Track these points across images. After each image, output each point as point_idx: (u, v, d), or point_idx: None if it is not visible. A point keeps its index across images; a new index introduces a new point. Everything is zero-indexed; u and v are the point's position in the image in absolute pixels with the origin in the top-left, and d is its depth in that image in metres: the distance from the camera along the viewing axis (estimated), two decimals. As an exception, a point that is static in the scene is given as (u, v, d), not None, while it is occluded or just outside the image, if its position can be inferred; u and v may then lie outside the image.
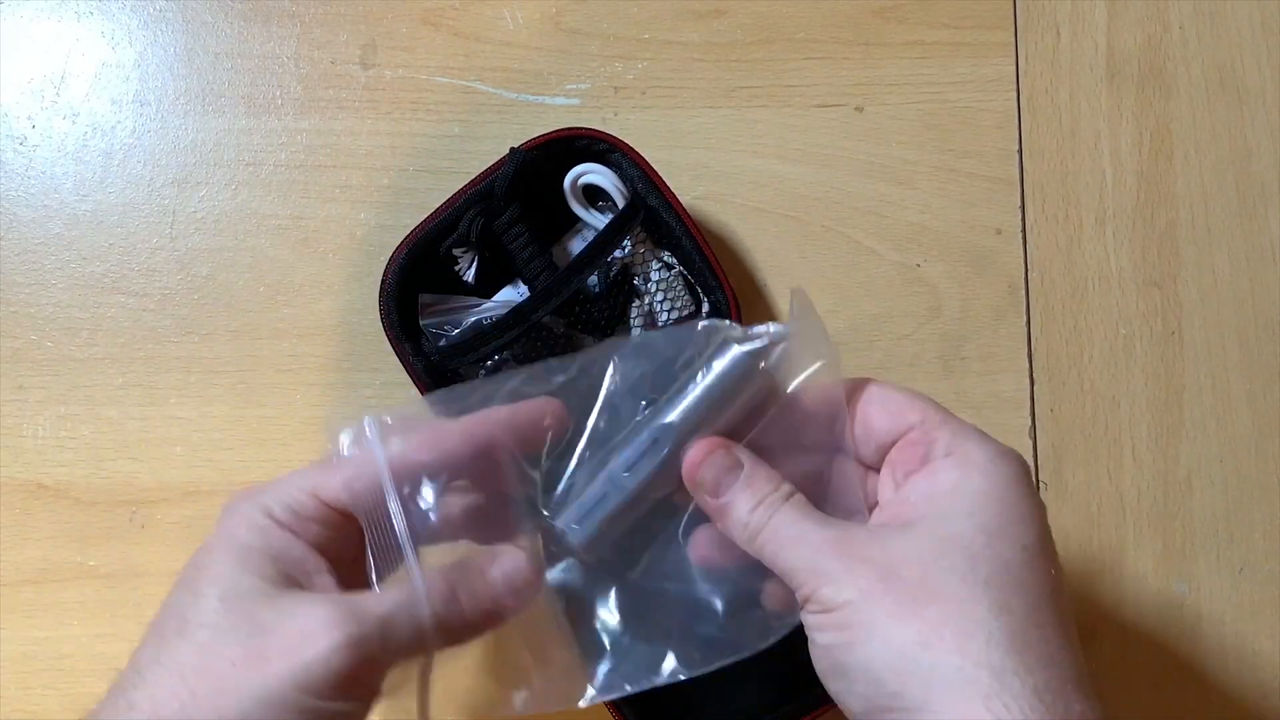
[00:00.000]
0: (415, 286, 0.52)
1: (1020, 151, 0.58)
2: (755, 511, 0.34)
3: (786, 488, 0.34)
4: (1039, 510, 0.33)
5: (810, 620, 0.32)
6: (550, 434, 0.36)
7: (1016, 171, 0.58)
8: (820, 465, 0.36)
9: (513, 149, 0.51)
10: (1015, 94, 0.58)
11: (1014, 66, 0.58)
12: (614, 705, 0.51)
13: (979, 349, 0.57)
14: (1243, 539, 0.56)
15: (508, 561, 0.34)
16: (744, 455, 0.35)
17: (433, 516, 0.34)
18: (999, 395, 0.56)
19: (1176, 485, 0.56)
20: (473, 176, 0.52)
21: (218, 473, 0.55)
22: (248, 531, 0.33)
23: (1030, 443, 0.56)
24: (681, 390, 0.36)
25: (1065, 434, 0.56)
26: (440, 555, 0.35)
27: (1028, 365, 0.57)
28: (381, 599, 0.32)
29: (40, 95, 0.58)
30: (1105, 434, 0.56)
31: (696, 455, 0.35)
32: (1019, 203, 0.58)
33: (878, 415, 0.35)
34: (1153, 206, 0.58)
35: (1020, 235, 0.57)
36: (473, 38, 0.58)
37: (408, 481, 0.34)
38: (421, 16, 0.58)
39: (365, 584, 0.34)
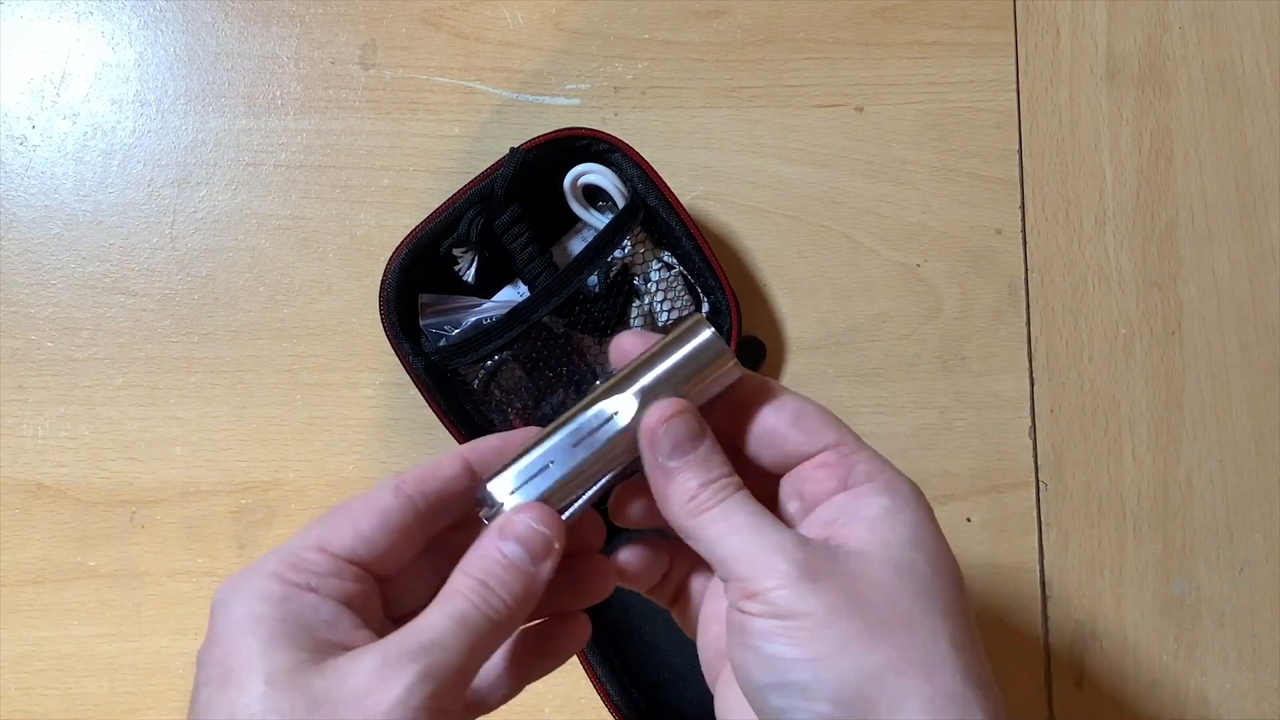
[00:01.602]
0: (415, 286, 0.52)
1: (1020, 151, 0.58)
2: (707, 488, 0.32)
3: (738, 479, 0.33)
4: (949, 546, 0.33)
5: (752, 624, 0.30)
6: None
7: (1016, 171, 0.58)
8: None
9: (513, 149, 0.51)
10: (1015, 94, 0.58)
11: (1014, 66, 0.58)
12: (598, 681, 0.51)
13: (979, 349, 0.57)
14: (1243, 539, 0.56)
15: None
16: (708, 430, 0.33)
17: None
18: (999, 395, 0.56)
19: (1176, 485, 0.56)
20: (473, 176, 0.52)
21: (218, 473, 0.55)
22: (264, 605, 0.30)
23: (1030, 443, 0.56)
24: (645, 365, 0.33)
25: (1065, 434, 0.56)
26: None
27: (1028, 365, 0.57)
28: (422, 626, 0.30)
29: (40, 95, 0.58)
30: (1105, 434, 0.56)
31: (661, 412, 0.32)
32: (1019, 203, 0.58)
33: (789, 427, 0.33)
34: (1153, 206, 0.58)
35: (1020, 235, 0.57)
36: (473, 38, 0.58)
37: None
38: (421, 16, 0.58)
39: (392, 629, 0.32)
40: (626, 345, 0.34)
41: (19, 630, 0.54)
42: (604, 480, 0.33)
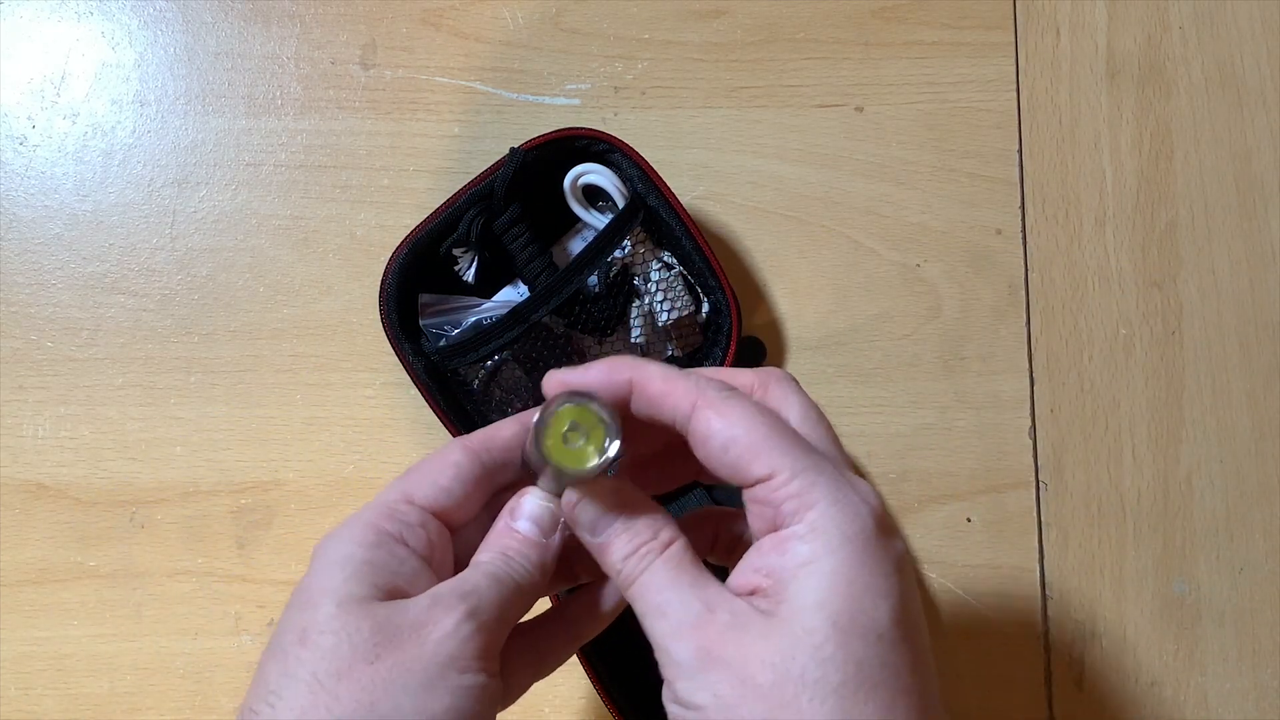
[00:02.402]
0: (415, 286, 0.52)
1: (1020, 151, 0.58)
2: (628, 560, 0.32)
3: (666, 534, 0.32)
4: (894, 574, 0.30)
5: (670, 710, 0.30)
6: None
7: (1016, 171, 0.58)
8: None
9: (513, 149, 0.51)
10: (1015, 94, 0.58)
11: (1014, 66, 0.58)
12: (598, 681, 0.51)
13: (979, 349, 0.57)
14: (1243, 539, 0.56)
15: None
16: (627, 493, 0.33)
17: None
18: (999, 395, 0.56)
19: (1176, 485, 0.56)
20: (473, 176, 0.52)
21: (218, 473, 0.55)
22: (356, 547, 0.32)
23: (1030, 443, 0.56)
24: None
25: (1065, 434, 0.56)
26: None
27: (1028, 365, 0.57)
28: (463, 578, 0.33)
29: (40, 95, 0.58)
30: (1105, 434, 0.56)
31: (573, 495, 0.33)
32: (1019, 203, 0.58)
33: (719, 463, 0.31)
34: (1153, 206, 0.58)
35: (1020, 235, 0.57)
36: (473, 38, 0.58)
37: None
38: (421, 16, 0.58)
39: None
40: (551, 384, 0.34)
41: (19, 630, 0.54)
42: None
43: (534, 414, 0.32)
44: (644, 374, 0.32)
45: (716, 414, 0.31)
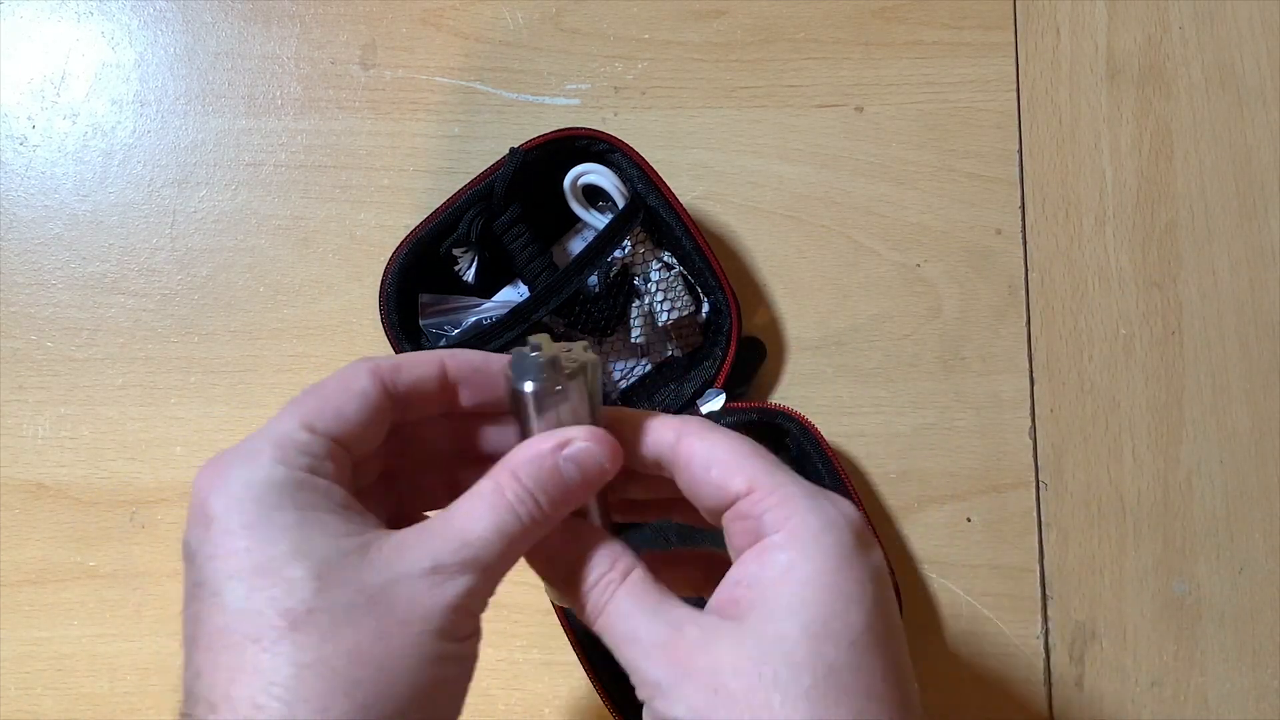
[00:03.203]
0: (415, 286, 0.52)
1: (1020, 151, 0.58)
2: (592, 592, 0.31)
3: (625, 563, 0.32)
4: (870, 582, 0.30)
5: None
6: None
7: (1016, 171, 0.58)
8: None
9: (513, 149, 0.51)
10: (1015, 94, 0.58)
11: (1014, 66, 0.58)
12: (598, 682, 0.51)
13: (979, 349, 0.57)
14: (1243, 539, 0.56)
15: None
16: (581, 527, 0.33)
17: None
18: (999, 395, 0.56)
19: (1176, 485, 0.56)
20: (473, 176, 0.52)
21: (218, 473, 0.55)
22: (277, 493, 0.29)
23: (1030, 443, 0.56)
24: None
25: (1065, 434, 0.56)
26: None
27: (1028, 365, 0.57)
28: (465, 532, 0.30)
29: (40, 95, 0.58)
30: (1105, 434, 0.56)
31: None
32: (1019, 203, 0.58)
33: (701, 482, 0.32)
34: (1153, 206, 0.58)
35: (1020, 235, 0.57)
36: (473, 38, 0.58)
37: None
38: (421, 16, 0.58)
39: (378, 509, 0.32)
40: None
41: (19, 630, 0.54)
42: None
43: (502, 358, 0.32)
44: (630, 416, 0.33)
45: (699, 439, 0.32)
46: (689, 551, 0.37)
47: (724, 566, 0.33)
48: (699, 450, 0.32)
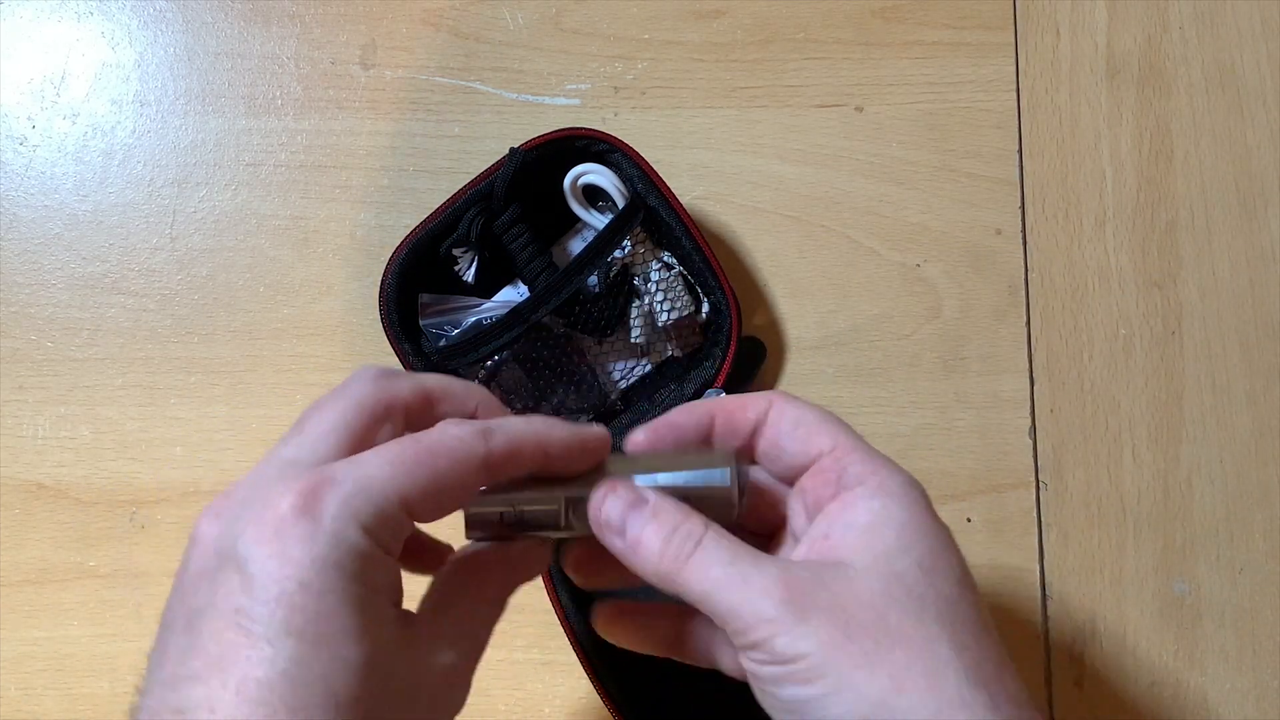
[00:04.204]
0: (415, 286, 0.52)
1: (1020, 151, 0.58)
2: (670, 543, 0.31)
3: (699, 517, 0.32)
4: (951, 537, 0.33)
5: (762, 672, 0.30)
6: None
7: (1016, 171, 0.58)
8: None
9: (513, 149, 0.51)
10: (1015, 94, 0.58)
11: (1014, 66, 0.58)
12: (598, 681, 0.51)
13: (979, 349, 0.57)
14: (1243, 539, 0.56)
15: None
16: (648, 490, 0.33)
17: None
18: (999, 395, 0.56)
19: (1176, 485, 0.56)
20: (473, 176, 0.52)
21: (217, 473, 0.55)
22: (356, 562, 0.29)
23: (1030, 443, 0.56)
24: (653, 467, 0.34)
25: (1065, 434, 0.56)
26: None
27: (1028, 365, 0.57)
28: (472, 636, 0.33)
29: (40, 95, 0.58)
30: (1105, 434, 0.56)
31: (597, 497, 0.33)
32: (1019, 203, 0.58)
33: (788, 438, 0.34)
34: (1153, 206, 0.58)
35: (1020, 235, 0.57)
36: (473, 38, 0.58)
37: None
38: (421, 16, 0.58)
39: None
40: (639, 439, 0.35)
41: (19, 630, 0.54)
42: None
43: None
44: (720, 402, 0.36)
45: (790, 402, 0.35)
46: (660, 605, 0.37)
47: (695, 624, 0.36)
48: (789, 411, 0.34)
